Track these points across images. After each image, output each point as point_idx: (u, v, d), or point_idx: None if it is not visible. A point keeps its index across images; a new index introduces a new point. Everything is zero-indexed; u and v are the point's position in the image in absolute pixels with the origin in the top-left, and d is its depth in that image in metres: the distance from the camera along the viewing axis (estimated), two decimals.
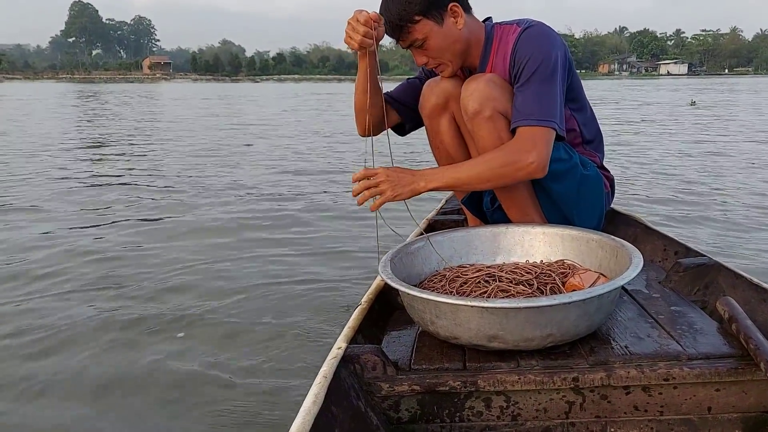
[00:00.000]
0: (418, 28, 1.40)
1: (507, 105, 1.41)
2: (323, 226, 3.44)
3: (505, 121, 1.42)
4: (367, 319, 1.28)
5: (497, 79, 1.43)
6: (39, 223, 3.51)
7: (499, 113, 1.41)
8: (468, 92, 1.42)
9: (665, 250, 1.75)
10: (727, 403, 1.08)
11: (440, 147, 1.64)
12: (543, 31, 1.44)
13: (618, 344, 1.16)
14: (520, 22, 1.48)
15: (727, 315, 1.18)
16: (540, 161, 1.35)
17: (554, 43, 1.42)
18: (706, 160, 5.79)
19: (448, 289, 1.29)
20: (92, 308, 2.21)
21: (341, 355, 1.08)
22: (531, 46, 1.41)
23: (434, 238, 1.47)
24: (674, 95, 21.34)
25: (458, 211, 2.19)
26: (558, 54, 1.40)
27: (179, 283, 2.48)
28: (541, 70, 1.38)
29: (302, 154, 6.68)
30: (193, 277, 2.56)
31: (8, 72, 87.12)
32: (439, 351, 1.18)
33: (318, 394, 0.95)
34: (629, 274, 1.13)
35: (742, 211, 3.61)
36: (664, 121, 10.63)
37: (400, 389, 1.08)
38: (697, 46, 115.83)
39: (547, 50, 1.40)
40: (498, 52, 1.49)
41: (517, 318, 1.07)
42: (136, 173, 5.37)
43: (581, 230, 1.43)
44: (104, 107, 16.43)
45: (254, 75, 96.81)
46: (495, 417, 1.09)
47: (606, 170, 1.67)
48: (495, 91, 1.40)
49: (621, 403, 1.08)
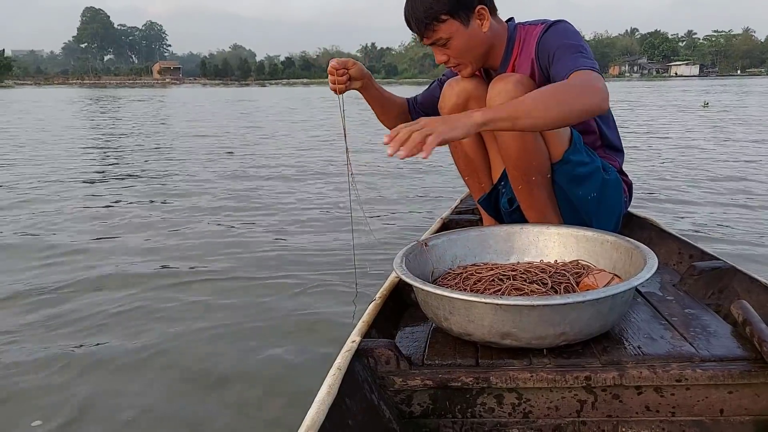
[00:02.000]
0: (444, 27, 1.41)
1: None
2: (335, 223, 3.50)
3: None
4: (380, 315, 1.29)
5: (526, 81, 1.41)
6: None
7: None
8: (495, 92, 1.40)
9: (680, 253, 1.74)
10: (740, 406, 1.07)
11: (459, 147, 1.64)
12: (569, 26, 1.45)
13: (631, 344, 1.16)
14: (545, 21, 1.48)
15: (741, 318, 1.17)
16: (605, 94, 1.23)
17: (580, 36, 1.42)
18: (718, 162, 5.74)
19: (462, 287, 1.30)
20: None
21: (355, 349, 1.09)
22: (558, 35, 1.41)
23: (448, 236, 1.48)
24: (685, 96, 21.17)
25: (473, 211, 2.20)
26: (585, 43, 1.40)
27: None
28: (574, 47, 1.36)
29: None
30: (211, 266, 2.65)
31: (19, 78, 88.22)
32: (452, 347, 1.19)
33: (332, 386, 0.97)
34: (643, 275, 1.14)
35: (759, 215, 3.58)
36: (677, 122, 10.55)
37: (413, 383, 1.09)
38: (708, 47, 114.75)
39: (575, 37, 1.40)
40: (522, 52, 1.49)
41: (531, 316, 1.08)
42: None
43: (596, 231, 1.43)
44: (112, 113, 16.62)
45: (263, 79, 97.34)
46: (506, 414, 1.10)
47: (625, 175, 1.67)
48: (523, 92, 1.37)
49: (633, 403, 1.08)
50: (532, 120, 1.20)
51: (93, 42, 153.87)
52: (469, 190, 1.79)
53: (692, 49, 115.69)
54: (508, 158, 1.47)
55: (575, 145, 1.47)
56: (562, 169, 1.47)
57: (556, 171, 1.48)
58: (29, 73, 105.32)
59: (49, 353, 1.84)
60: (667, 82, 58.28)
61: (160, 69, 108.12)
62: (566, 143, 1.46)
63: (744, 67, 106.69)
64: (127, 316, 2.14)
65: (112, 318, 2.13)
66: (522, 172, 1.46)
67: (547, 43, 1.41)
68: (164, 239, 3.21)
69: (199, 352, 1.83)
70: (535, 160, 1.44)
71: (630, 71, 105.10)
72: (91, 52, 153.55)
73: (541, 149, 1.44)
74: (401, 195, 4.31)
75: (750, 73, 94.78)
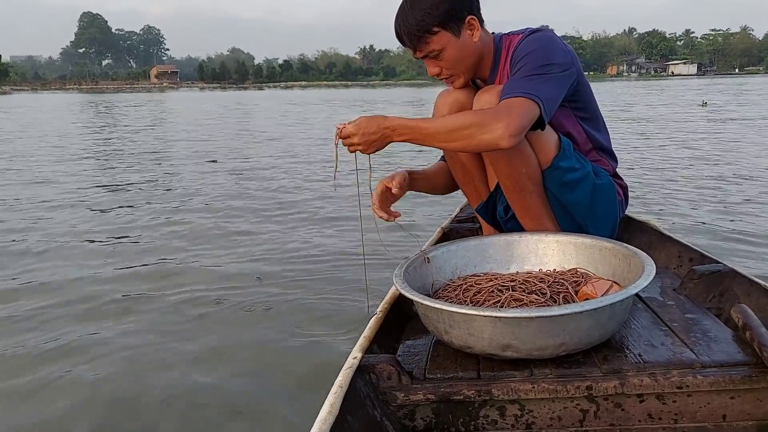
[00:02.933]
0: (435, 39, 1.42)
1: None
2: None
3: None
4: (382, 329, 1.29)
5: None
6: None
7: None
8: (479, 104, 1.43)
9: (680, 257, 1.75)
10: (742, 411, 1.08)
11: (454, 156, 1.65)
12: (545, 35, 1.44)
13: (632, 352, 1.16)
14: (526, 30, 1.49)
15: (741, 323, 1.17)
16: (508, 130, 1.26)
17: (555, 46, 1.41)
18: (720, 163, 5.74)
19: (462, 299, 1.30)
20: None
21: (357, 365, 1.10)
22: (529, 45, 1.41)
23: (448, 247, 1.48)
24: (684, 96, 21.17)
25: (473, 219, 2.20)
26: (557, 54, 1.39)
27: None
28: (536, 62, 1.37)
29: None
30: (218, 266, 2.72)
31: (16, 83, 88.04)
32: (454, 360, 1.19)
33: (334, 404, 0.97)
34: (641, 282, 1.14)
35: (760, 217, 3.58)
36: (676, 123, 10.55)
37: (415, 398, 1.09)
38: (707, 46, 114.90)
39: (545, 49, 1.39)
40: (506, 62, 1.51)
41: (530, 327, 1.08)
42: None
43: (594, 238, 1.44)
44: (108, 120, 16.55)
45: (261, 82, 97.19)
46: (509, 425, 1.10)
47: (619, 178, 1.67)
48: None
49: (635, 411, 1.09)
50: (434, 141, 1.34)
51: (91, 47, 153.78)
52: (467, 198, 1.80)
53: (690, 48, 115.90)
54: (498, 168, 1.49)
55: (564, 152, 1.48)
56: (552, 176, 1.48)
57: (547, 178, 1.48)
58: (27, 78, 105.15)
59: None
60: (665, 81, 58.28)
61: (157, 73, 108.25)
62: (554, 150, 1.47)
63: (742, 66, 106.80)
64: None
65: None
66: (513, 181, 1.47)
67: (517, 56, 1.42)
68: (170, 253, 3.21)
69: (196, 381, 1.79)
70: (525, 167, 1.45)
71: (628, 71, 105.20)
72: (89, 57, 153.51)
73: (530, 157, 1.45)
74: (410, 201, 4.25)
75: (748, 72, 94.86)
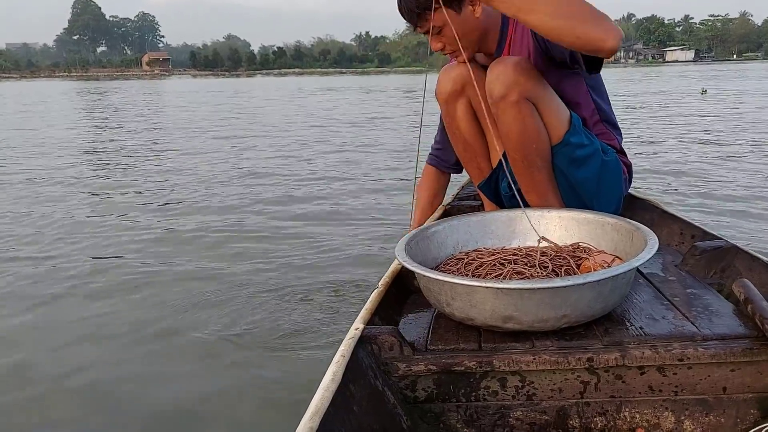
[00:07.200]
0: (436, 15, 1.41)
1: (534, 89, 1.39)
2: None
3: (531, 107, 1.40)
4: (383, 302, 1.29)
5: (525, 63, 1.39)
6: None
7: (525, 98, 1.38)
8: (494, 75, 1.39)
9: (682, 233, 1.75)
10: (743, 383, 1.08)
11: (456, 133, 1.64)
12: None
13: (633, 325, 1.16)
14: None
15: (743, 297, 1.17)
16: (619, 34, 1.16)
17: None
18: (721, 146, 5.75)
19: (464, 272, 1.30)
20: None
21: (359, 336, 1.10)
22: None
23: (450, 222, 1.48)
24: (682, 82, 21.10)
25: (475, 197, 2.20)
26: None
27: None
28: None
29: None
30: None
31: (6, 71, 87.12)
32: (455, 332, 1.19)
33: (336, 373, 0.97)
34: (644, 255, 1.14)
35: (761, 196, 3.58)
36: (676, 109, 10.52)
37: (417, 369, 1.10)
38: (705, 32, 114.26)
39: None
40: (516, 34, 1.49)
41: (532, 299, 1.08)
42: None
43: (597, 214, 1.43)
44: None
45: (254, 70, 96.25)
46: (510, 396, 1.10)
47: (624, 155, 1.66)
48: (522, 75, 1.37)
49: (636, 383, 1.09)
50: (534, 17, 1.18)
51: (85, 34, 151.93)
52: (469, 175, 1.80)
53: (688, 34, 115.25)
54: (508, 141, 1.46)
55: (575, 128, 1.47)
56: (561, 152, 1.47)
57: (556, 153, 1.47)
58: (19, 66, 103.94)
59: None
60: (662, 67, 58.07)
61: (148, 60, 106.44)
62: (566, 125, 1.46)
63: (741, 52, 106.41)
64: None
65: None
66: (523, 155, 1.46)
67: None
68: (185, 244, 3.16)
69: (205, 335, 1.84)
70: (536, 142, 1.44)
71: (626, 57, 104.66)
72: (84, 44, 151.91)
73: (542, 132, 1.44)
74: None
75: (746, 58, 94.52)
